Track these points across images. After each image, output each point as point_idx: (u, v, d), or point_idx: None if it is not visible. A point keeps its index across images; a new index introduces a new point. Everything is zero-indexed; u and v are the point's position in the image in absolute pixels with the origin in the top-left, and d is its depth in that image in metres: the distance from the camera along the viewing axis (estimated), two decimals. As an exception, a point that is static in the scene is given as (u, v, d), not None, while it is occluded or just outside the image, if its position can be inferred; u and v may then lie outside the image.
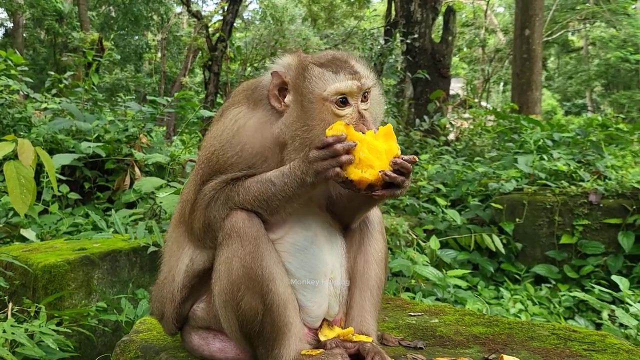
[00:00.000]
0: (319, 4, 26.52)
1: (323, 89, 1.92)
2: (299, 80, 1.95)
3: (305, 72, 1.95)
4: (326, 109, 1.92)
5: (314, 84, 1.93)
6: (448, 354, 2.19)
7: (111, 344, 3.55)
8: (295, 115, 1.95)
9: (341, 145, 1.78)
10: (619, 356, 2.17)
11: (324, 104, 1.92)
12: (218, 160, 2.01)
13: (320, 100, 1.92)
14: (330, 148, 1.78)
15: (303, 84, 1.94)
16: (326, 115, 1.91)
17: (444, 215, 6.39)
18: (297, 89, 1.95)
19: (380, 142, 1.85)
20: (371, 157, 1.81)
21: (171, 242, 2.22)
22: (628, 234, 5.90)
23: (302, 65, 1.98)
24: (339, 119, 1.90)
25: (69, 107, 7.25)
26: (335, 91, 1.91)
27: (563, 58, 36.29)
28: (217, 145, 2.03)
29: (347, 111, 1.93)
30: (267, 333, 1.90)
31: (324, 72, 1.95)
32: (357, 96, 1.95)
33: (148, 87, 29.88)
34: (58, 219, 5.50)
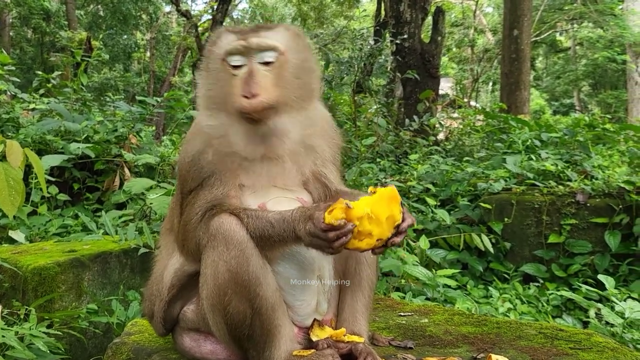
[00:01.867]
0: (309, 4, 26.51)
1: (221, 49, 2.03)
2: (210, 46, 2.10)
3: (217, 38, 2.09)
4: (224, 69, 2.02)
5: (217, 46, 2.06)
6: (437, 354, 2.22)
7: (102, 346, 3.55)
8: (204, 77, 2.09)
9: (334, 233, 1.76)
10: (604, 354, 2.21)
11: (222, 64, 2.02)
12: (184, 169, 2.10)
13: (220, 61, 2.03)
14: (325, 235, 1.78)
15: (212, 48, 2.08)
16: (225, 75, 2.01)
17: (433, 215, 6.43)
18: (207, 54, 2.11)
19: (383, 208, 1.82)
20: (370, 227, 1.79)
21: (162, 247, 2.25)
22: (614, 233, 5.97)
23: (219, 32, 2.11)
24: (233, 78, 1.99)
25: (58, 108, 7.20)
26: (224, 51, 2.01)
27: (551, 58, 36.55)
28: (181, 155, 2.16)
29: (240, 72, 2.00)
30: (256, 336, 1.91)
31: (228, 34, 2.06)
32: (249, 56, 1.99)
33: (137, 87, 29.73)
34: (47, 221, 5.47)
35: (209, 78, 2.07)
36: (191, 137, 2.15)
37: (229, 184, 2.04)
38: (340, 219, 1.76)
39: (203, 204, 1.99)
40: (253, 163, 2.07)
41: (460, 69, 30.90)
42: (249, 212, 1.95)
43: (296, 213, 1.87)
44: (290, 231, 1.86)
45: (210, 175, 2.03)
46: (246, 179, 2.07)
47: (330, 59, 10.68)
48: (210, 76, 2.07)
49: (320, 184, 2.19)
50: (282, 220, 1.88)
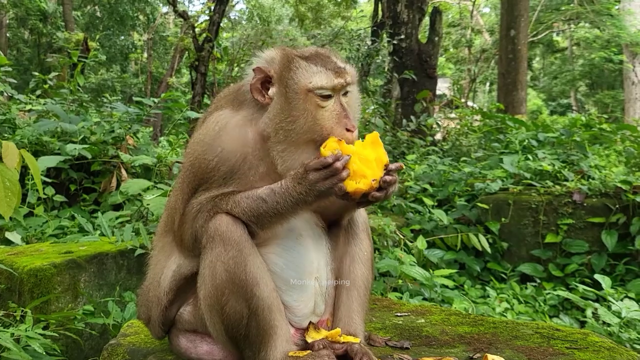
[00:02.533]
0: (306, 4, 26.51)
1: (308, 81, 1.96)
2: (284, 72, 1.99)
3: (291, 64, 2.00)
4: (309, 100, 1.96)
5: (299, 75, 1.98)
6: (434, 354, 2.22)
7: (98, 348, 3.54)
8: (280, 106, 1.98)
9: (340, 162, 1.82)
10: (600, 354, 2.21)
11: (307, 96, 1.96)
12: (200, 165, 2.02)
13: (305, 92, 1.96)
14: (331, 167, 1.82)
15: (288, 76, 1.98)
16: (309, 107, 1.96)
17: (430, 215, 6.43)
18: (282, 80, 1.99)
19: (369, 151, 1.91)
20: (363, 167, 1.87)
21: (157, 250, 2.22)
22: (611, 232, 5.98)
23: (287, 57, 2.03)
24: (321, 110, 1.95)
25: (54, 109, 7.18)
26: (320, 85, 1.96)
27: (548, 58, 36.60)
28: (199, 150, 2.04)
29: (329, 103, 1.98)
30: (253, 336, 1.91)
31: (309, 65, 2.00)
32: (341, 91, 2.01)
33: (134, 88, 29.69)
34: (44, 222, 5.45)
35: (286, 109, 1.97)
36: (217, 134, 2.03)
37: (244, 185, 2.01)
38: (335, 149, 1.84)
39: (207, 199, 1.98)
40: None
41: (457, 69, 30.94)
42: (238, 196, 1.94)
43: (286, 182, 1.89)
44: (287, 197, 1.88)
45: (228, 175, 2.00)
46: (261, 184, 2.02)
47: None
48: (289, 107, 1.97)
49: None
50: (272, 193, 1.90)
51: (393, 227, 5.64)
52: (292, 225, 2.05)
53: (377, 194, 1.88)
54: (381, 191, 1.89)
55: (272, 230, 1.99)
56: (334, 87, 1.98)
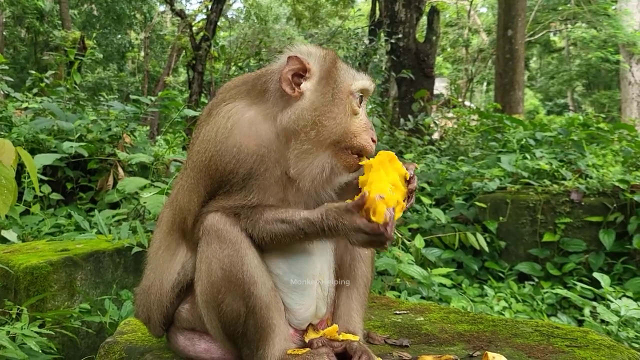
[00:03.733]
0: (304, 3, 26.49)
1: (351, 83, 1.99)
2: (332, 69, 1.99)
3: (337, 63, 2.02)
4: (349, 102, 1.98)
5: (344, 75, 2.00)
6: (433, 352, 2.21)
7: (95, 346, 3.52)
8: (320, 102, 1.94)
9: (390, 228, 1.77)
10: (600, 352, 2.20)
11: (348, 97, 1.98)
12: (217, 168, 1.91)
13: (347, 93, 1.98)
14: (381, 236, 1.77)
15: (337, 74, 1.99)
16: (348, 109, 1.98)
17: (428, 214, 6.42)
18: (329, 77, 1.98)
19: (392, 173, 1.91)
20: (396, 196, 1.86)
21: (162, 249, 2.12)
22: (609, 231, 5.98)
23: (332, 55, 2.04)
24: (354, 115, 1.99)
25: (51, 107, 7.16)
26: (361, 87, 2.01)
27: (545, 58, 36.67)
28: (213, 149, 1.92)
29: (361, 109, 2.02)
30: (251, 334, 1.89)
31: (349, 68, 2.05)
32: (368, 97, 2.07)
33: (131, 87, 29.62)
34: (40, 220, 5.43)
35: (330, 105, 1.94)
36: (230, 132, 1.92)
37: (263, 191, 1.93)
38: (385, 212, 1.80)
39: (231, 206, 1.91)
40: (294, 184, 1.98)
41: (454, 68, 30.97)
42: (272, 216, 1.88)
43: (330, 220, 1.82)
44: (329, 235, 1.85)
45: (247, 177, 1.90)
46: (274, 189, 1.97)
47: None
48: (332, 103, 1.94)
49: None
50: (312, 225, 1.85)
51: (391, 225, 5.62)
52: None
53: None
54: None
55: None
56: (367, 90, 2.03)
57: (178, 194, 2.08)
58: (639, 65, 21.99)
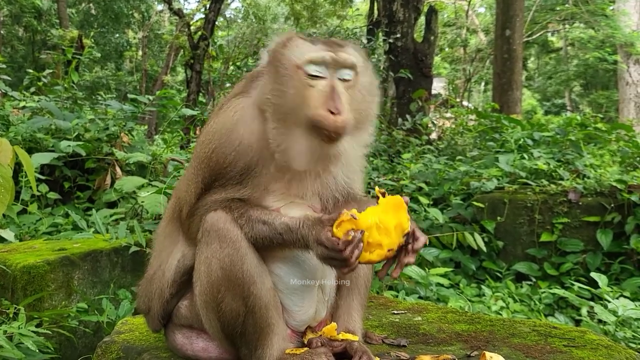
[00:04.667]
0: (302, 3, 26.48)
1: (298, 57, 1.91)
2: (279, 48, 1.96)
3: (287, 42, 1.97)
4: (299, 77, 1.89)
5: (291, 51, 1.93)
6: (431, 352, 2.21)
7: (92, 345, 3.51)
8: (270, 80, 1.94)
9: (350, 249, 1.74)
10: (598, 352, 2.21)
11: (297, 72, 1.90)
12: (218, 160, 1.95)
13: (294, 68, 1.90)
14: (340, 255, 1.75)
15: (282, 52, 1.95)
16: (298, 84, 1.89)
17: (426, 213, 6.42)
18: (276, 57, 1.95)
19: (390, 217, 1.80)
20: (380, 238, 1.78)
21: (163, 236, 2.18)
22: (606, 231, 5.99)
23: (287, 37, 2.00)
24: (310, 89, 1.88)
25: (48, 106, 7.14)
26: (308, 59, 1.90)
27: (543, 58, 36.72)
28: (216, 142, 1.97)
29: (319, 82, 1.89)
30: (249, 334, 1.89)
31: (304, 42, 1.96)
32: (333, 70, 1.91)
33: (129, 86, 29.60)
34: (37, 219, 5.42)
35: (277, 82, 1.91)
36: (235, 127, 1.98)
37: (260, 187, 1.97)
38: (349, 230, 1.74)
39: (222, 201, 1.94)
40: (299, 175, 1.99)
41: (452, 68, 30.99)
42: (255, 216, 1.89)
43: (304, 229, 1.83)
44: (301, 245, 1.85)
45: (245, 172, 1.95)
46: (274, 185, 1.99)
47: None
48: (278, 80, 1.91)
49: (345, 192, 2.14)
50: (289, 231, 1.85)
51: (389, 225, 5.62)
52: None
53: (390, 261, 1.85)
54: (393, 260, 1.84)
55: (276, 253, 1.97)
56: (320, 60, 1.89)
57: (180, 183, 2.17)
58: (636, 65, 22.03)
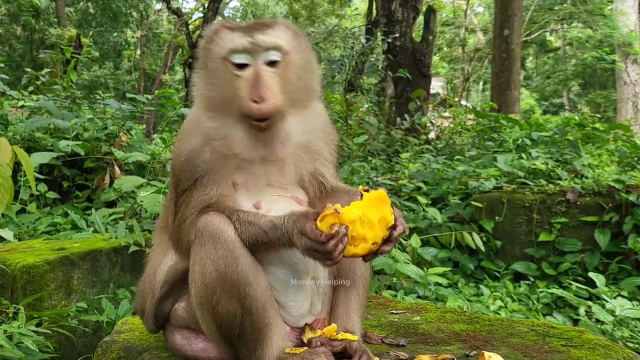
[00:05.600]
0: (300, 2, 26.49)
1: (222, 48, 1.92)
2: (207, 44, 1.98)
3: (214, 35, 1.97)
4: (226, 69, 1.91)
5: (217, 44, 1.94)
6: (430, 351, 2.22)
7: (92, 345, 3.52)
8: (203, 77, 1.98)
9: (334, 242, 1.74)
10: (596, 352, 2.22)
11: (224, 64, 1.91)
12: (178, 167, 2.04)
13: (221, 61, 1.92)
14: (323, 248, 1.75)
15: (209, 46, 1.96)
16: (226, 75, 1.91)
17: (424, 213, 6.43)
18: (205, 52, 1.98)
19: (373, 211, 1.82)
20: (364, 231, 1.80)
21: (155, 244, 2.22)
22: (604, 231, 6.01)
23: (215, 29, 2.00)
24: (237, 80, 1.89)
25: (47, 105, 7.13)
26: (230, 48, 1.90)
27: (541, 58, 36.75)
28: (175, 152, 2.09)
29: (245, 72, 1.90)
30: (247, 335, 1.89)
31: (229, 32, 1.95)
32: (255, 55, 1.91)
33: (127, 85, 29.55)
34: (36, 219, 5.42)
35: (208, 77, 1.96)
36: (186, 135, 2.07)
37: (222, 183, 1.99)
38: (333, 224, 1.75)
39: (197, 204, 1.96)
40: (250, 163, 2.01)
41: (451, 68, 31.02)
42: (241, 217, 1.90)
43: (288, 223, 1.83)
44: (285, 241, 1.84)
45: (204, 174, 1.98)
46: (240, 178, 2.02)
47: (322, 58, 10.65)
48: (209, 75, 1.96)
49: (317, 182, 2.16)
50: (274, 229, 1.84)
51: (387, 225, 5.63)
52: None
53: (372, 256, 1.84)
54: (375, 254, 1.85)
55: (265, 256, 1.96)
56: (243, 47, 1.89)
57: (168, 192, 2.24)
58: (634, 65, 22.06)
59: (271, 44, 1.91)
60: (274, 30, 1.95)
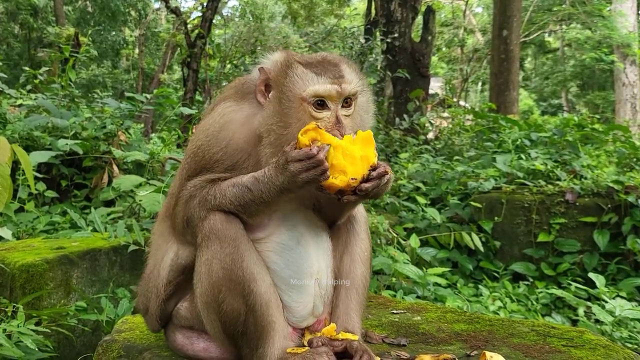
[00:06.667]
0: (299, 2, 26.47)
1: (303, 89, 1.91)
2: (280, 77, 1.95)
3: (289, 70, 1.95)
4: (304, 109, 1.91)
5: (294, 82, 1.93)
6: (431, 351, 2.22)
7: (91, 344, 3.51)
8: (273, 110, 1.94)
9: (323, 153, 1.77)
10: (596, 352, 2.22)
11: (302, 104, 1.92)
12: (204, 155, 2.01)
13: (299, 100, 1.92)
14: (314, 159, 1.76)
15: (284, 82, 1.94)
16: (303, 116, 1.91)
17: (424, 213, 6.44)
18: (278, 85, 1.95)
19: (357, 148, 1.84)
20: (345, 163, 1.80)
21: (157, 235, 2.21)
22: (603, 232, 6.02)
23: (287, 62, 1.98)
24: (315, 121, 1.89)
25: (45, 104, 7.11)
26: (314, 93, 1.91)
27: (540, 59, 36.80)
28: (203, 139, 2.03)
29: (324, 115, 1.92)
30: (250, 333, 1.90)
31: (307, 72, 1.94)
32: (337, 101, 1.94)
33: (126, 84, 29.52)
34: (35, 217, 5.40)
35: (279, 114, 1.93)
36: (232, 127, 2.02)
37: None
38: (314, 139, 1.79)
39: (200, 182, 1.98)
40: None
41: (449, 68, 31.02)
42: (226, 182, 1.93)
43: (269, 170, 1.86)
44: (271, 185, 1.85)
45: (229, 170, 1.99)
46: None
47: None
48: (281, 112, 1.92)
49: None
50: (256, 181, 1.87)
51: (386, 225, 5.64)
52: (293, 224, 2.03)
53: (351, 196, 1.83)
54: (355, 195, 1.82)
55: (263, 219, 1.98)
56: (327, 95, 1.92)
57: (173, 181, 2.23)
58: (632, 66, 22.11)
59: (353, 92, 1.98)
60: (351, 77, 1.99)
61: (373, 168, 1.84)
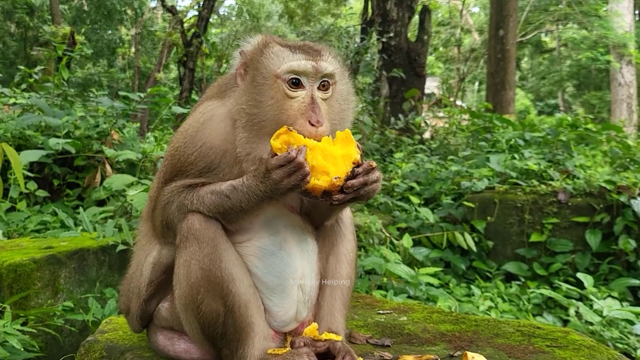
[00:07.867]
0: (296, 1, 26.45)
1: (277, 66, 1.89)
2: (256, 55, 1.94)
3: (265, 49, 1.94)
4: (277, 87, 1.88)
5: (270, 59, 1.91)
6: (414, 352, 2.21)
7: (78, 344, 3.47)
8: (245, 89, 1.92)
9: (302, 155, 1.73)
10: (580, 352, 2.21)
11: (275, 82, 1.88)
12: (180, 157, 1.99)
13: (273, 77, 1.89)
14: (294, 162, 1.72)
15: (259, 59, 1.92)
16: (276, 94, 1.88)
17: (417, 213, 6.43)
18: (253, 64, 1.93)
19: (337, 148, 1.81)
20: (325, 163, 1.77)
21: (141, 234, 2.20)
22: (595, 232, 6.02)
23: (264, 42, 1.96)
24: (289, 100, 1.86)
25: (39, 102, 7.09)
26: (288, 68, 1.88)
27: (536, 58, 36.85)
28: (181, 141, 2.01)
29: (299, 94, 1.88)
30: (230, 334, 1.88)
31: (283, 49, 1.92)
32: (313, 79, 1.90)
33: (121, 83, 29.47)
34: (26, 217, 5.38)
35: (252, 92, 1.89)
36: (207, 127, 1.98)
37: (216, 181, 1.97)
38: (288, 143, 1.75)
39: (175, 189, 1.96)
40: None
41: (446, 68, 31.05)
42: (205, 188, 1.90)
43: (248, 179, 1.82)
44: (250, 197, 1.81)
45: (205, 171, 1.96)
46: None
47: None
48: (254, 90, 1.89)
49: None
50: (235, 190, 1.84)
51: (379, 224, 5.64)
52: (276, 229, 2.00)
53: (339, 195, 1.77)
54: (344, 193, 1.78)
55: (242, 225, 1.95)
56: (302, 71, 1.88)
57: (153, 183, 2.20)
58: (629, 66, 22.16)
59: (329, 71, 1.93)
60: (329, 57, 1.96)
61: (357, 165, 1.80)
